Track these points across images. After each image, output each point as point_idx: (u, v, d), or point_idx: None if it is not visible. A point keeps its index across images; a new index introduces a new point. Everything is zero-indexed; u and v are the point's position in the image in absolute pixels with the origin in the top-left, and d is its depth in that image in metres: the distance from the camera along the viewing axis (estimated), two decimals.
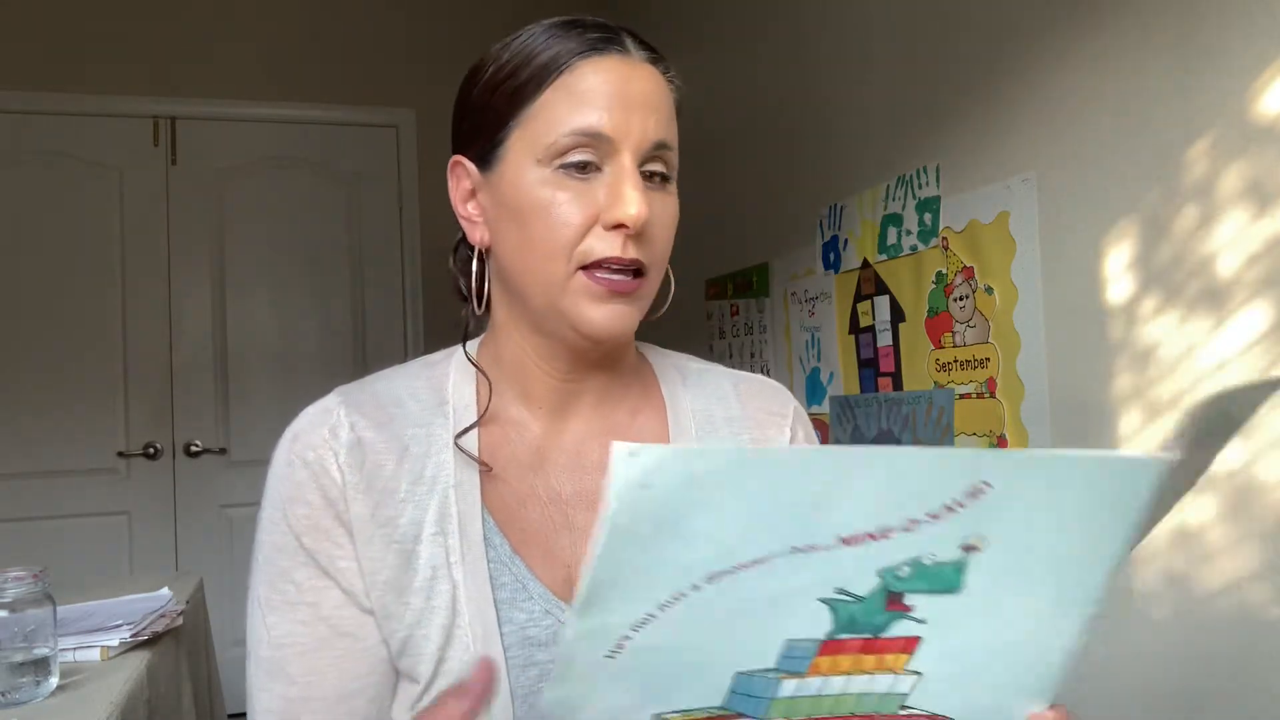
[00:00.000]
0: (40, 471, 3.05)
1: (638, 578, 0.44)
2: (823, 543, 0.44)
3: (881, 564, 0.45)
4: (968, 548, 0.46)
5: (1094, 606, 0.49)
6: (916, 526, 0.44)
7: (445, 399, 0.73)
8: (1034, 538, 0.46)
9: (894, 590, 0.46)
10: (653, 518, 0.42)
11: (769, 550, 0.44)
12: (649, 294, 0.70)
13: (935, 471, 0.43)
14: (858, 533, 0.44)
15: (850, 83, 2.10)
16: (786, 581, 0.45)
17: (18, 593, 1.17)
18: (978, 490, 0.43)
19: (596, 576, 0.43)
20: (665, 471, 0.41)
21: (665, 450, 0.40)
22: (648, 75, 0.69)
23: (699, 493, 0.42)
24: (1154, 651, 1.38)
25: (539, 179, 0.66)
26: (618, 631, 0.46)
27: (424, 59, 3.40)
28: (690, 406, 0.79)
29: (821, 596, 0.46)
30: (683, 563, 0.44)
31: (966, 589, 0.47)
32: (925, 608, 0.47)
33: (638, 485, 0.41)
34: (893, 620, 0.48)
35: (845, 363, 2.12)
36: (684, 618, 0.45)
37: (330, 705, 0.68)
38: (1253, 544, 1.23)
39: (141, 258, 3.19)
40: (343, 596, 0.68)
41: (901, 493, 0.43)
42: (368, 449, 0.69)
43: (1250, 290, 1.23)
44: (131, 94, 3.20)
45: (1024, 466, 0.44)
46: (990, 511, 0.44)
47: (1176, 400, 1.33)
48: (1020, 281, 1.60)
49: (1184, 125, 1.31)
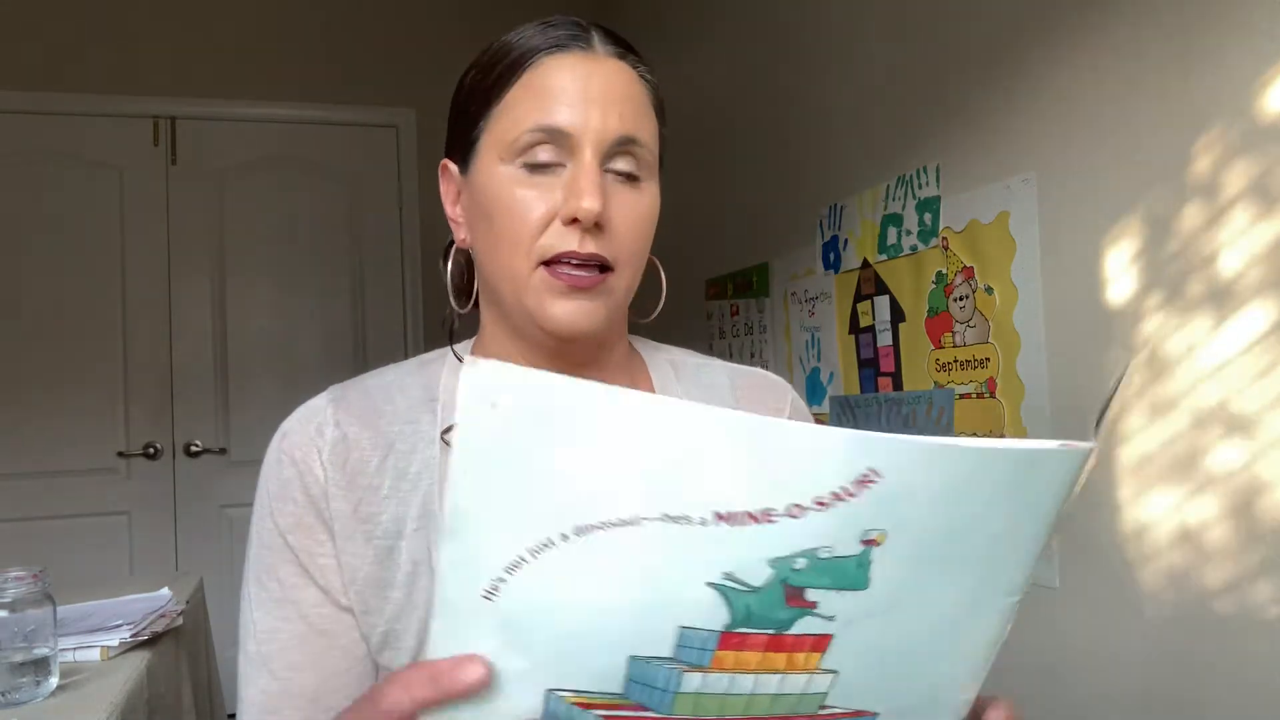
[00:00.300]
0: (40, 471, 3.05)
1: (501, 509, 0.43)
2: (697, 515, 0.42)
3: (772, 553, 0.43)
4: (868, 541, 0.43)
5: (1016, 595, 0.48)
6: (804, 514, 0.42)
7: (435, 396, 0.74)
8: (944, 530, 0.44)
9: (792, 584, 0.44)
10: (505, 442, 0.41)
11: (639, 511, 0.42)
12: (618, 290, 0.69)
13: (813, 452, 0.41)
14: (735, 509, 0.42)
15: (850, 83, 2.10)
16: (666, 554, 0.43)
17: (18, 593, 1.17)
18: (866, 479, 0.41)
19: (454, 503, 0.43)
20: (511, 391, 0.40)
21: (511, 369, 0.40)
22: (613, 70, 0.68)
23: (552, 427, 0.41)
24: (1154, 651, 1.38)
25: (504, 177, 0.67)
26: (490, 570, 0.44)
27: (424, 59, 3.40)
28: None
29: (710, 580, 0.44)
30: (546, 504, 0.43)
31: (874, 585, 0.45)
32: (831, 604, 0.45)
33: (486, 402, 0.40)
34: (797, 616, 0.46)
35: (845, 363, 2.12)
36: (556, 571, 0.44)
37: (308, 701, 0.69)
38: (1253, 544, 1.23)
39: (141, 258, 3.19)
40: (320, 595, 0.69)
41: (777, 471, 0.41)
42: (352, 445, 0.70)
43: (1251, 290, 1.23)
44: (131, 94, 3.20)
45: (914, 457, 0.42)
46: (886, 503, 0.42)
47: (1176, 400, 1.33)
48: (1020, 281, 1.60)
49: (1184, 125, 1.31)
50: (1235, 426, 1.25)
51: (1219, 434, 1.27)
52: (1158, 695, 1.37)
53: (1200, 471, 1.30)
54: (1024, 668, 1.62)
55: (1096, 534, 1.46)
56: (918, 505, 0.43)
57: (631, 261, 0.69)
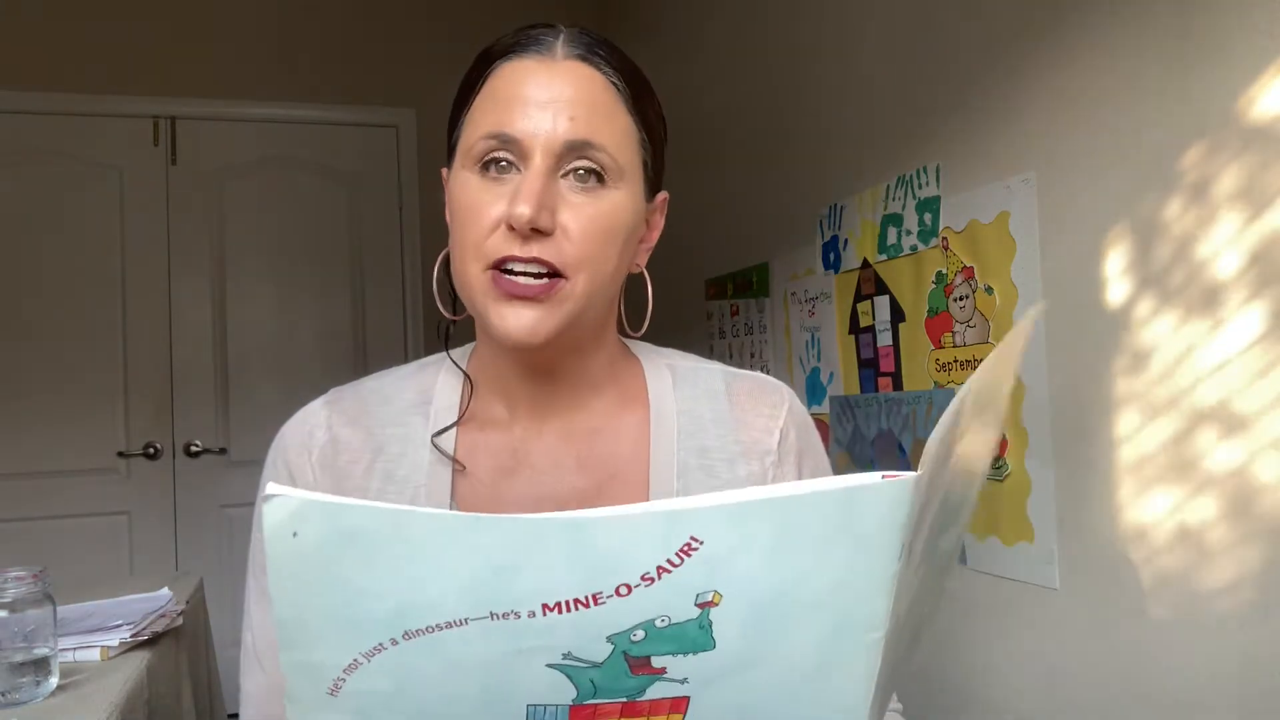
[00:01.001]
0: (40, 471, 3.05)
1: (326, 623, 0.43)
2: (525, 609, 0.42)
3: (607, 630, 0.43)
4: (704, 604, 0.43)
5: (878, 630, 0.46)
6: (632, 591, 0.42)
7: (429, 399, 0.74)
8: (777, 581, 0.43)
9: (633, 655, 0.44)
10: (311, 568, 0.41)
11: (463, 614, 0.42)
12: (574, 297, 0.67)
13: (629, 538, 0.41)
14: (563, 599, 0.42)
15: (850, 82, 2.10)
16: (499, 646, 0.43)
17: (18, 593, 1.17)
18: (688, 548, 0.41)
19: (279, 615, 0.43)
20: (310, 522, 0.40)
21: (306, 499, 0.40)
22: (568, 73, 0.67)
23: (357, 549, 0.40)
24: (1154, 651, 1.38)
25: (464, 183, 0.68)
26: (328, 671, 0.45)
27: (424, 59, 3.40)
28: (676, 407, 0.77)
29: (549, 662, 0.44)
30: (367, 617, 0.43)
31: (721, 643, 0.44)
32: (681, 668, 0.45)
33: (287, 532, 0.40)
34: (648, 683, 0.46)
35: (845, 363, 2.12)
36: (393, 668, 0.44)
37: None
38: (1253, 544, 1.23)
39: (141, 257, 3.19)
40: None
41: (599, 560, 0.41)
42: (342, 448, 0.72)
43: (1250, 290, 1.23)
44: (131, 94, 3.20)
45: (728, 516, 0.41)
46: (712, 565, 0.42)
47: (1176, 400, 1.33)
48: (1020, 281, 1.60)
49: (1184, 125, 1.31)
50: (1235, 426, 1.25)
51: (1219, 434, 1.27)
52: (1158, 695, 1.37)
53: (1200, 472, 1.30)
54: (1024, 668, 1.62)
55: (1096, 534, 1.46)
56: (745, 562, 0.42)
57: (588, 267, 0.66)
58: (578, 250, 0.66)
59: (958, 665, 1.74)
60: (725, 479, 0.76)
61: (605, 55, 0.69)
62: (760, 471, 0.77)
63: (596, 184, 0.67)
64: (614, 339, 0.78)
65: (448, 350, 0.76)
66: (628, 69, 0.71)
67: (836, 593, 0.45)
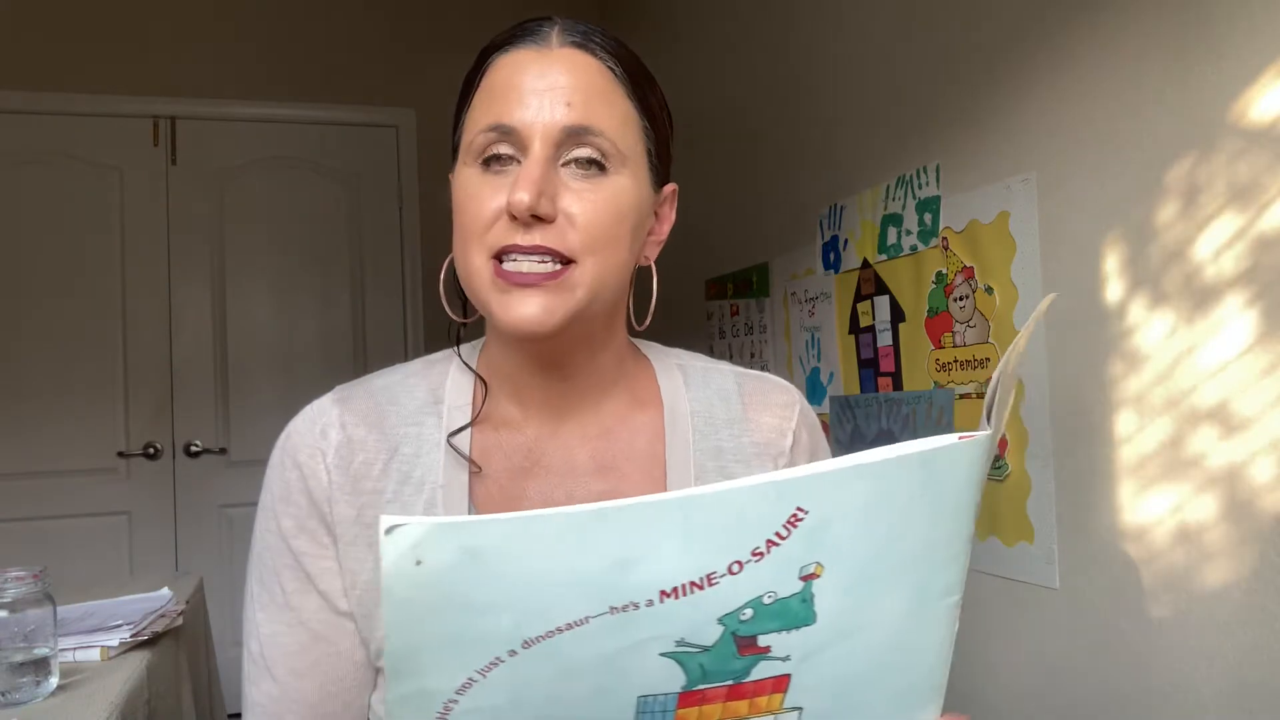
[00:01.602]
0: (40, 471, 3.05)
1: (441, 647, 0.43)
2: (642, 598, 0.42)
3: (719, 611, 0.44)
4: (807, 577, 0.44)
5: (956, 594, 0.48)
6: (743, 568, 0.42)
7: (440, 398, 0.73)
8: (872, 547, 0.45)
9: (742, 634, 0.45)
10: (435, 592, 0.41)
11: (584, 613, 0.42)
12: (583, 285, 0.65)
13: (743, 512, 0.41)
14: (679, 583, 0.42)
15: (850, 82, 2.10)
16: (616, 640, 0.43)
17: (18, 593, 1.17)
18: (795, 518, 0.42)
19: (392, 648, 0.42)
20: (436, 547, 0.39)
21: (432, 524, 0.39)
22: (563, 60, 0.67)
23: (482, 565, 0.40)
24: (1154, 651, 1.38)
25: (466, 178, 0.67)
26: (440, 695, 0.45)
27: (424, 59, 3.40)
28: (689, 408, 0.77)
29: (662, 651, 0.45)
30: (487, 632, 0.42)
31: (821, 617, 0.45)
32: (784, 645, 0.46)
33: (410, 561, 0.39)
34: (753, 663, 0.46)
35: (845, 363, 2.13)
36: (509, 680, 0.44)
37: (310, 707, 0.69)
38: (1253, 544, 1.23)
39: (141, 258, 3.19)
40: (321, 601, 0.69)
41: (712, 538, 0.42)
42: (357, 448, 0.70)
43: (1251, 290, 1.23)
44: (131, 94, 3.20)
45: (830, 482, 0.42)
46: (816, 535, 0.42)
47: (1176, 400, 1.33)
48: (1020, 281, 1.60)
49: (1184, 125, 1.31)
50: (1234, 426, 1.25)
51: (1218, 434, 1.27)
52: (1157, 695, 1.37)
53: (1199, 472, 1.30)
54: (1024, 668, 1.62)
55: (1096, 534, 1.46)
56: (844, 529, 0.43)
57: (596, 252, 0.65)
58: (583, 236, 0.65)
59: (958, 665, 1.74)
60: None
61: (601, 42, 0.69)
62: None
63: (598, 172, 0.66)
64: (623, 336, 0.77)
65: (459, 351, 0.75)
66: (625, 55, 0.70)
67: (920, 557, 0.46)
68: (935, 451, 0.43)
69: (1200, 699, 1.31)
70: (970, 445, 0.43)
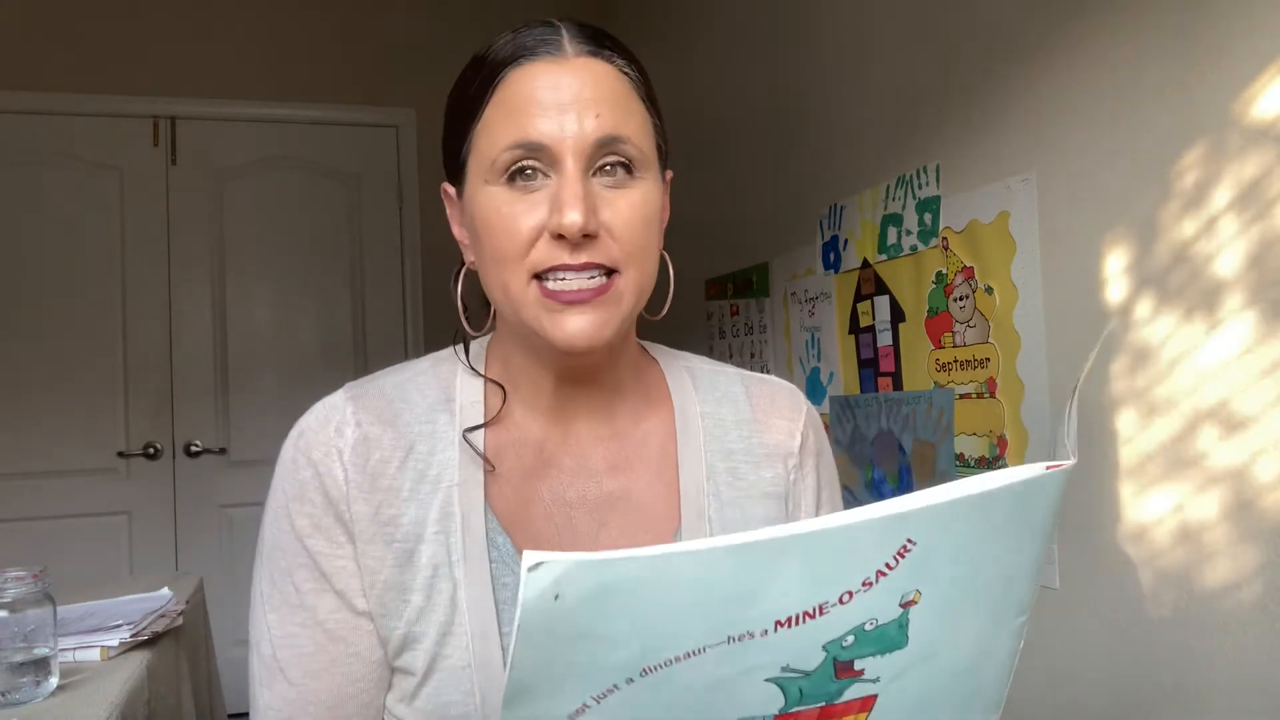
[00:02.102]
0: (40, 471, 3.05)
1: (563, 676, 0.44)
2: (758, 629, 0.43)
3: (825, 638, 0.45)
4: (907, 604, 0.46)
5: (1024, 614, 0.50)
6: (853, 598, 0.44)
7: (452, 396, 0.73)
8: (963, 572, 0.46)
9: (841, 660, 0.46)
10: (567, 625, 0.41)
11: (703, 643, 0.43)
12: (625, 294, 0.67)
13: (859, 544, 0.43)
14: (793, 614, 0.43)
15: (850, 83, 2.10)
16: (728, 668, 0.45)
17: (18, 593, 1.17)
18: (904, 550, 0.43)
19: (516, 677, 0.43)
20: (575, 582, 0.40)
21: (572, 561, 0.40)
22: (583, 70, 0.66)
23: (615, 599, 0.41)
24: (1154, 651, 1.38)
25: (491, 197, 0.66)
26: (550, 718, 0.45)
27: (424, 59, 3.40)
28: (699, 410, 0.78)
29: (768, 677, 0.46)
30: (608, 662, 0.43)
31: (912, 641, 0.47)
32: (876, 667, 0.47)
33: (548, 597, 0.40)
34: (847, 686, 0.48)
35: (845, 363, 2.13)
36: (621, 706, 0.45)
37: (327, 709, 0.68)
38: (1253, 544, 1.23)
39: (141, 258, 3.20)
40: (337, 601, 0.68)
41: (829, 571, 0.43)
42: (373, 445, 0.69)
43: (1251, 290, 1.23)
44: (131, 94, 3.20)
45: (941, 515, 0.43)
46: (920, 565, 0.44)
47: (1176, 400, 1.33)
48: (1020, 281, 1.60)
49: (1184, 125, 1.31)
50: (1235, 426, 1.25)
51: (1219, 434, 1.27)
52: (1158, 695, 1.37)
53: (1200, 471, 1.30)
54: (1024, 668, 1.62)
55: (1096, 534, 1.46)
56: (944, 558, 0.45)
57: (637, 260, 0.67)
58: (624, 246, 0.65)
59: None
60: (750, 481, 0.77)
61: (612, 46, 0.69)
62: (783, 474, 0.79)
63: (625, 175, 0.67)
64: (634, 337, 0.78)
65: (467, 358, 0.75)
66: (631, 56, 0.70)
67: (1001, 580, 0.48)
68: (1029, 482, 0.44)
69: (1201, 699, 1.31)
70: (1058, 475, 0.45)
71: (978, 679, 0.52)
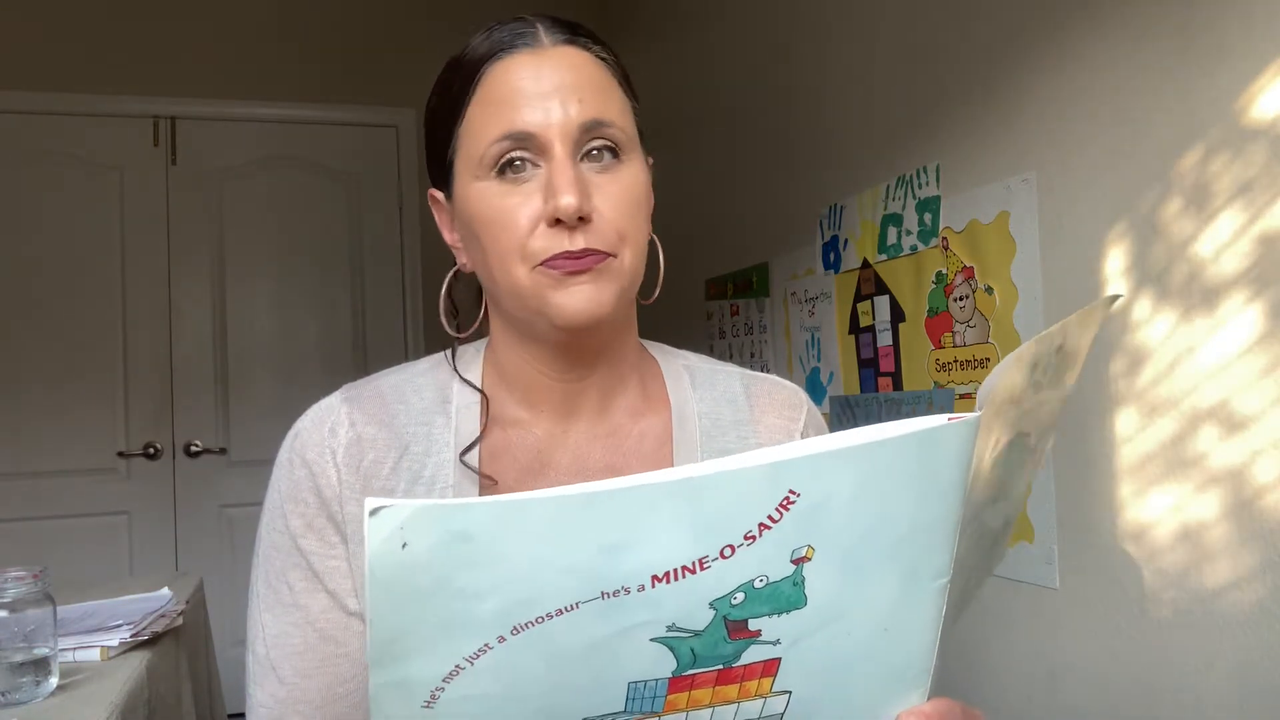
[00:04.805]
0: (40, 471, 3.05)
1: (428, 634, 0.42)
2: (634, 583, 0.42)
3: (710, 595, 0.43)
4: (799, 560, 0.44)
5: (944, 577, 0.48)
6: (735, 552, 0.42)
7: (449, 398, 0.73)
8: (863, 529, 0.44)
9: (733, 619, 0.45)
10: (421, 576, 0.40)
11: (575, 598, 0.42)
12: (623, 270, 0.67)
13: (736, 495, 0.41)
14: (671, 568, 0.42)
15: (850, 82, 2.10)
16: (607, 626, 0.43)
17: (18, 593, 1.17)
18: (788, 501, 0.41)
19: (378, 635, 0.42)
20: (421, 530, 0.39)
21: (416, 506, 0.38)
22: (561, 59, 0.67)
23: (468, 548, 0.39)
24: (1154, 651, 1.38)
25: (482, 192, 0.67)
26: (426, 684, 0.44)
27: (424, 59, 3.37)
28: (697, 409, 0.77)
29: (653, 636, 0.44)
30: (476, 618, 0.42)
31: (811, 600, 0.45)
32: (775, 629, 0.46)
33: (395, 544, 0.39)
34: (744, 648, 0.46)
35: (845, 363, 2.13)
36: (498, 666, 0.43)
37: (316, 708, 0.68)
38: (1253, 544, 1.23)
39: (141, 258, 3.19)
40: (329, 601, 0.69)
41: (705, 522, 0.41)
42: (367, 446, 0.70)
43: (1251, 290, 1.23)
44: (131, 94, 3.20)
45: (824, 465, 0.42)
46: (808, 518, 0.42)
47: (1176, 400, 1.33)
48: (1020, 281, 1.60)
49: (1184, 125, 1.31)
50: (1235, 426, 1.25)
51: (1219, 434, 1.27)
52: (1158, 695, 1.37)
53: (1200, 471, 1.30)
54: (1024, 668, 1.62)
55: (1096, 534, 1.46)
56: (835, 512, 0.43)
57: (631, 239, 0.67)
58: (616, 228, 0.66)
59: (958, 665, 1.74)
60: None
61: (587, 34, 0.70)
62: None
63: (612, 159, 0.67)
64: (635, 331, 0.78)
65: (455, 366, 0.75)
66: (606, 44, 0.71)
67: (909, 539, 0.46)
68: (926, 433, 0.42)
69: (1200, 699, 1.31)
70: (960, 426, 0.43)
71: (895, 646, 0.50)
